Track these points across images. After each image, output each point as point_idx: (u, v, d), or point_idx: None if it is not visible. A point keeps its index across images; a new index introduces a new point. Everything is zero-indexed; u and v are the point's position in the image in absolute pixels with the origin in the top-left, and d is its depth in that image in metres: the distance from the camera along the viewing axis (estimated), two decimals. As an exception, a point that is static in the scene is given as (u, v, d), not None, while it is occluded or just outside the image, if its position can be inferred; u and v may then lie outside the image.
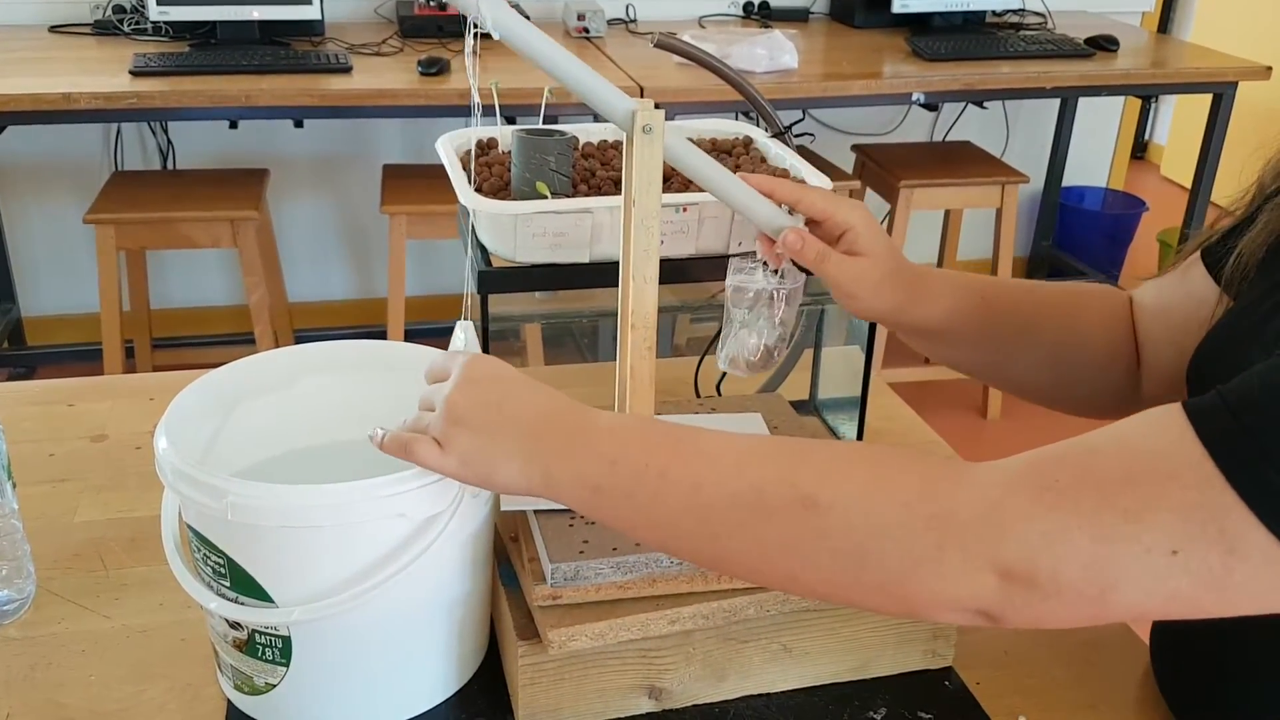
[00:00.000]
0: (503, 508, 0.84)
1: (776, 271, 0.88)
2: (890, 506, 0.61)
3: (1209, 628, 0.79)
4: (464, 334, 0.89)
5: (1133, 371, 0.91)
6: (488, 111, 0.89)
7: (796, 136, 1.13)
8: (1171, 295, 0.88)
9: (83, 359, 3.01)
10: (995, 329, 0.91)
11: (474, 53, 0.81)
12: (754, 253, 0.89)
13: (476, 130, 1.13)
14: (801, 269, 0.88)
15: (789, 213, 0.87)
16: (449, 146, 1.09)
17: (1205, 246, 0.84)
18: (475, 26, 0.79)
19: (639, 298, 0.82)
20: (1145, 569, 0.56)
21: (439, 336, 3.43)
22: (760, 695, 0.86)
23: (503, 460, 0.68)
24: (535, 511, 0.84)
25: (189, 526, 0.77)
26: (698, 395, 1.19)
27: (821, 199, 0.85)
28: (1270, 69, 3.04)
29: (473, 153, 1.08)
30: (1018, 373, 0.94)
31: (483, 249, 1.01)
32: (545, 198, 0.97)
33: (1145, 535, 0.56)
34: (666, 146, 0.79)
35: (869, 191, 3.27)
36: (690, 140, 0.84)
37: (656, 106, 0.78)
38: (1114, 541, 0.56)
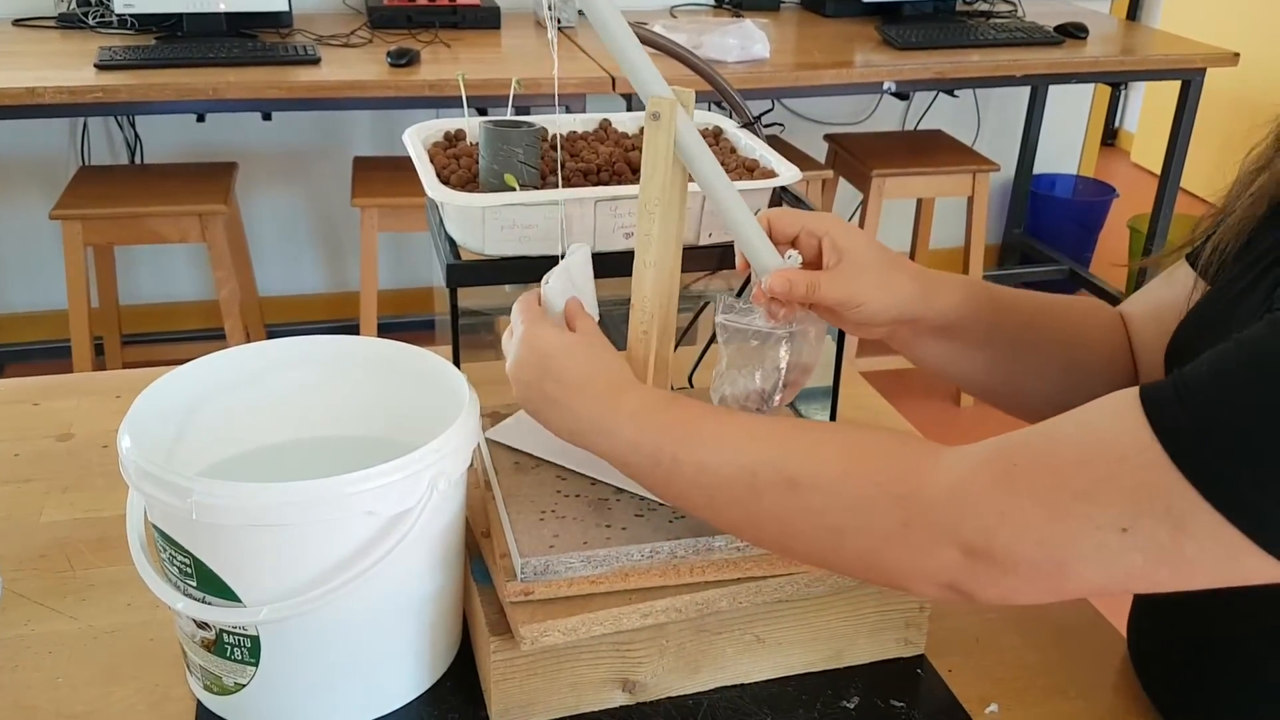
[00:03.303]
0: (487, 434, 0.89)
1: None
2: (863, 487, 0.66)
3: (1187, 609, 0.80)
4: (553, 281, 0.84)
5: (1132, 384, 0.91)
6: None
7: (766, 127, 1.13)
8: (1161, 298, 0.88)
9: (51, 356, 2.97)
10: (1005, 329, 0.89)
11: (554, 20, 0.81)
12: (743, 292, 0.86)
13: (443, 122, 1.12)
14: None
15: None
16: (416, 138, 1.08)
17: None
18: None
19: (637, 282, 0.82)
20: (1097, 546, 0.59)
21: (413, 330, 3.40)
22: (734, 686, 0.86)
23: (551, 426, 0.79)
24: (506, 506, 0.84)
25: (154, 526, 0.76)
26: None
27: (787, 214, 0.85)
28: (1238, 55, 3.06)
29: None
30: (1028, 380, 0.92)
31: (451, 242, 1.00)
32: (513, 190, 0.97)
33: (1096, 513, 0.59)
34: (683, 146, 0.78)
35: (841, 181, 3.28)
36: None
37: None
38: (1066, 519, 0.59)
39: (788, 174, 1.04)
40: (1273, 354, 0.57)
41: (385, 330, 2.93)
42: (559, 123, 1.15)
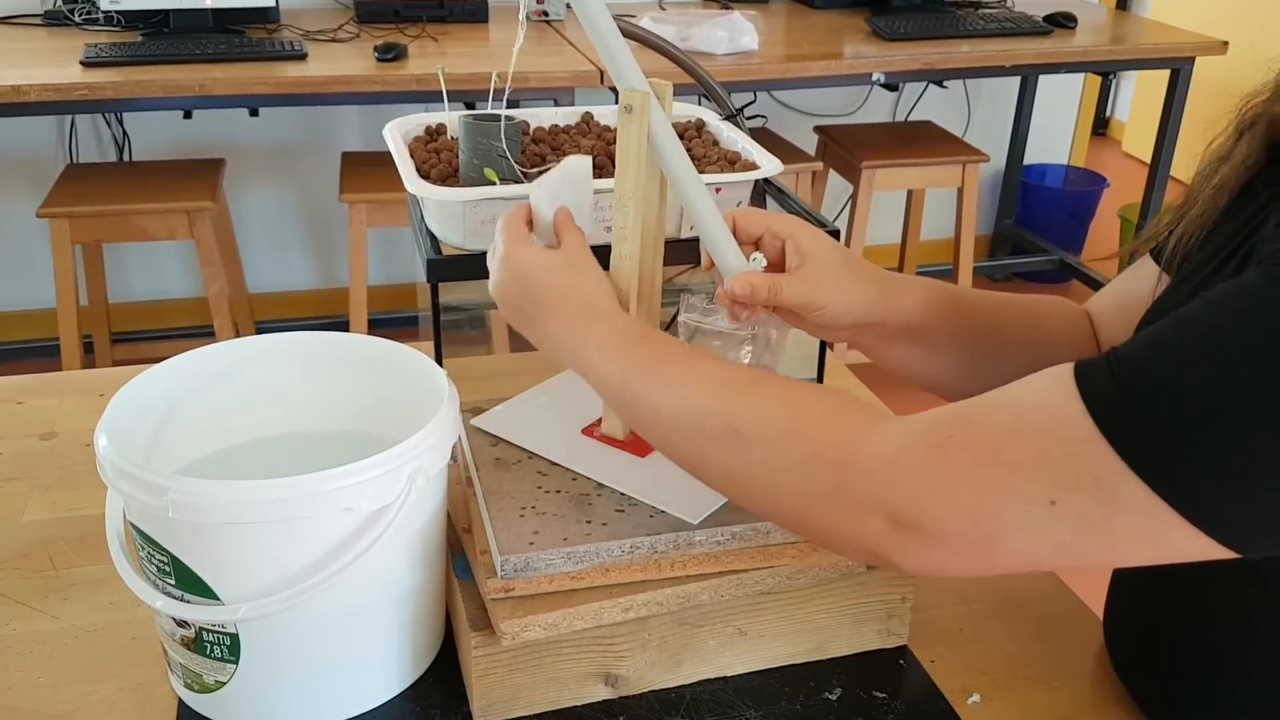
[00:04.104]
0: (472, 422, 0.90)
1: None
2: (802, 448, 0.66)
3: (1158, 598, 0.80)
4: (543, 189, 0.83)
5: None
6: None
7: (749, 119, 1.13)
8: (1126, 292, 0.88)
9: (41, 355, 2.97)
10: (969, 330, 0.89)
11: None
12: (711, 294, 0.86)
13: (424, 116, 1.12)
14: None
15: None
16: (396, 133, 1.08)
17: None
18: None
19: (614, 275, 0.82)
20: (1026, 518, 0.59)
21: (403, 325, 3.38)
22: (717, 679, 0.86)
23: (535, 345, 0.81)
24: (486, 502, 0.83)
25: (132, 525, 0.76)
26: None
27: (753, 214, 0.85)
28: (1226, 44, 3.06)
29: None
30: (994, 380, 0.87)
31: (432, 237, 1.00)
32: (494, 184, 0.96)
33: (1025, 486, 0.58)
34: (655, 141, 0.78)
35: (831, 173, 3.28)
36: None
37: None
38: (995, 491, 0.59)
39: (769, 166, 1.04)
40: (1205, 331, 0.57)
41: (375, 326, 2.93)
42: (540, 116, 1.14)
